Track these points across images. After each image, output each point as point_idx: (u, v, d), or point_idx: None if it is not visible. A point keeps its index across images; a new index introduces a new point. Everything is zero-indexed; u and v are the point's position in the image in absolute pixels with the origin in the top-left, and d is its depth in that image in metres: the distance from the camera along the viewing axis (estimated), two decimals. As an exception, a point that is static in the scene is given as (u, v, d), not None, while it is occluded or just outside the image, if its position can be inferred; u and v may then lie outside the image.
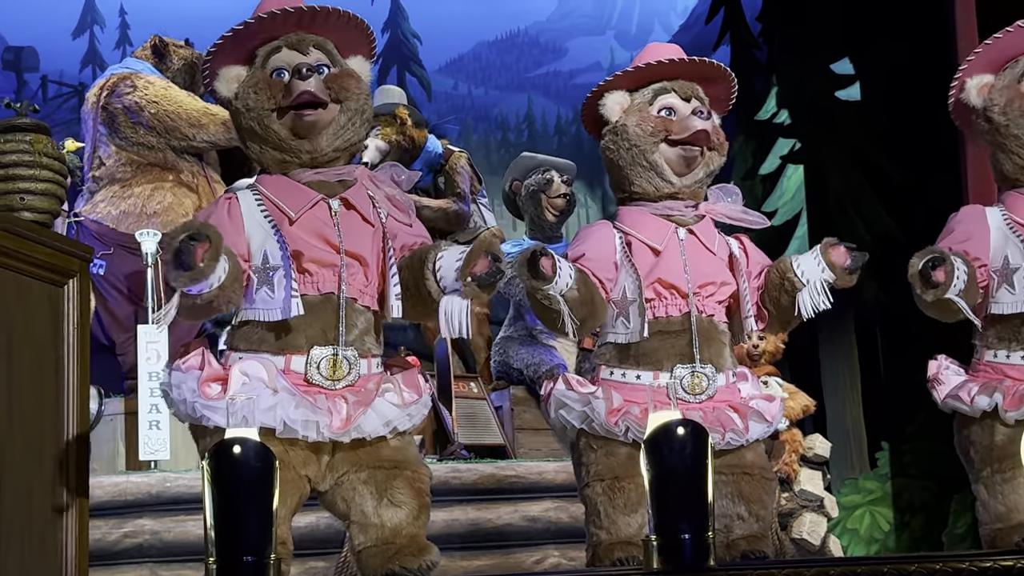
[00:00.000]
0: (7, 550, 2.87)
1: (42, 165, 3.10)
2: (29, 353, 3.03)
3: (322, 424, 2.86)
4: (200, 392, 2.88)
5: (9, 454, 2.90)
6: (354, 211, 3.00)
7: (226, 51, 3.07)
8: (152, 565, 4.59)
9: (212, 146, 5.92)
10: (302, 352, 2.92)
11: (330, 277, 2.95)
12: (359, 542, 2.96)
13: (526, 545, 4.85)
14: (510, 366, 6.00)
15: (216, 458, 2.18)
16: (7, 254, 2.94)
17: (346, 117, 3.02)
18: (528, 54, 9.25)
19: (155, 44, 6.05)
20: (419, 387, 3.02)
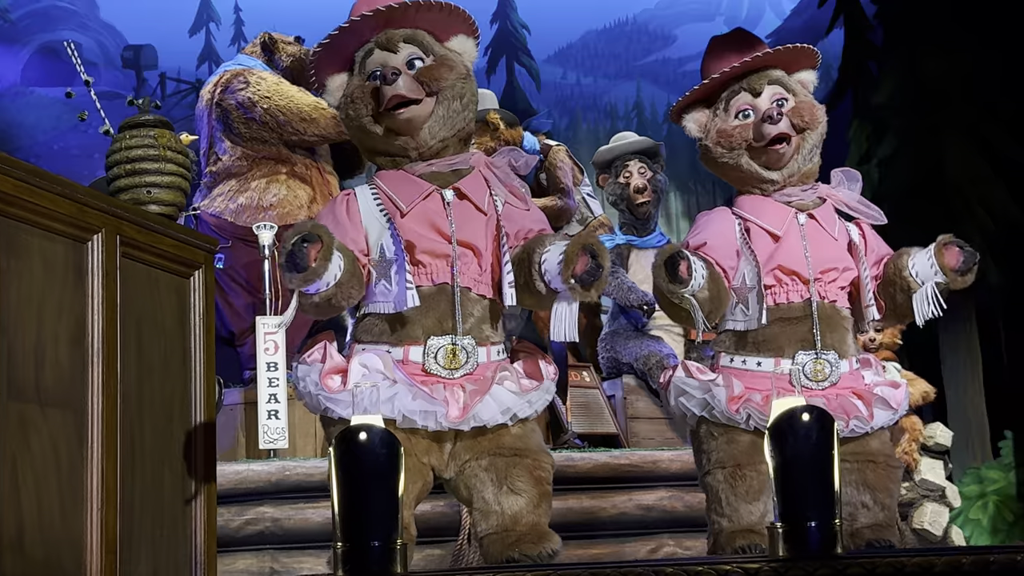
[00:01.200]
0: (140, 533, 2.95)
1: (167, 159, 3.16)
2: (158, 343, 3.10)
3: (439, 414, 2.88)
4: (322, 385, 2.93)
5: (140, 441, 2.98)
6: (467, 200, 3.01)
7: (326, 60, 3.11)
8: (273, 552, 4.65)
9: (323, 140, 5.98)
10: (419, 342, 2.94)
11: (443, 267, 2.96)
12: (481, 528, 2.97)
13: (641, 534, 4.83)
14: (619, 361, 5.98)
15: (342, 444, 2.20)
16: (136, 247, 3.02)
17: (444, 107, 3.02)
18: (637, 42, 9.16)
19: (264, 41, 6.13)
20: (540, 373, 3.02)
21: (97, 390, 2.83)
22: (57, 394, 2.73)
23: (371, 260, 2.96)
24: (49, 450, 2.69)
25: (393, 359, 2.93)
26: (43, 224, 2.74)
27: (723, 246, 3.24)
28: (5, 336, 2.59)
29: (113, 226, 2.93)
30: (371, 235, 2.98)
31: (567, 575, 2.06)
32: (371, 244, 2.97)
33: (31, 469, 2.63)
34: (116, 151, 3.18)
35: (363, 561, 2.15)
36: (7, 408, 2.58)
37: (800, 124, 3.27)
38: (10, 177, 2.64)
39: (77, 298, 2.82)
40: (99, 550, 2.76)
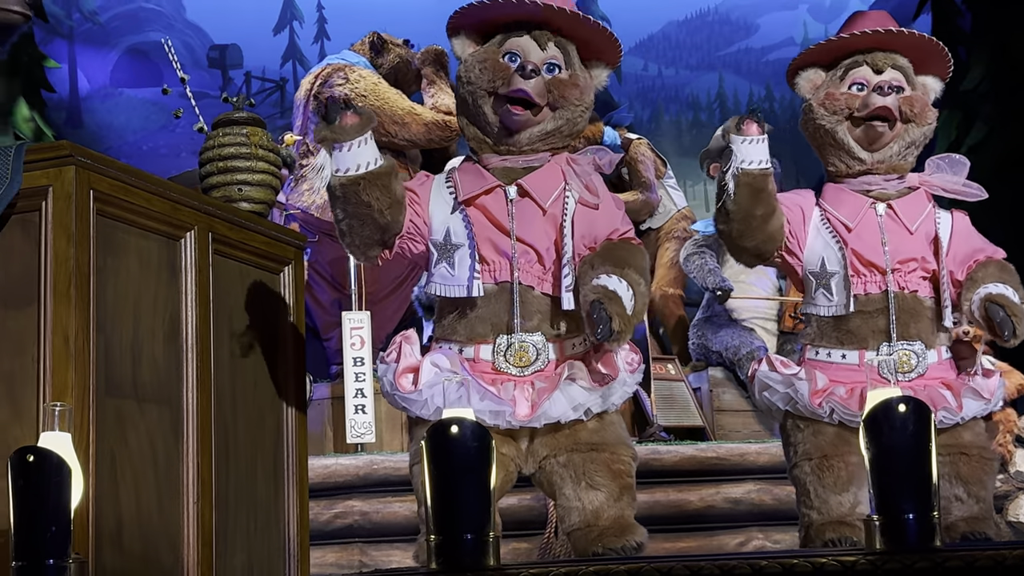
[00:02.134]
0: (235, 527, 2.98)
1: (258, 157, 3.19)
2: (250, 338, 3.14)
3: (507, 413, 2.87)
4: (397, 385, 2.94)
5: (233, 435, 3.02)
6: (529, 199, 2.98)
7: (473, 14, 3.06)
8: (362, 545, 4.70)
9: (412, 145, 6.01)
10: (489, 341, 2.93)
11: (505, 266, 2.95)
12: (566, 525, 2.97)
13: (729, 527, 4.82)
14: (708, 349, 5.95)
15: (434, 438, 2.21)
16: (228, 243, 3.06)
17: (555, 124, 3.01)
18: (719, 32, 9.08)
19: (373, 41, 6.16)
20: (614, 366, 2.96)
21: (192, 385, 2.87)
22: (153, 390, 2.78)
23: (432, 240, 2.97)
24: (146, 445, 2.73)
25: (463, 358, 2.94)
26: (138, 222, 2.78)
27: (794, 213, 3.20)
28: (103, 333, 2.64)
29: (205, 223, 2.97)
30: (436, 217, 2.98)
31: (661, 567, 2.06)
32: (434, 225, 2.97)
33: (129, 464, 2.68)
34: (209, 148, 3.22)
35: (456, 554, 2.16)
36: (105, 404, 2.62)
37: (908, 113, 3.20)
38: (106, 177, 2.69)
39: (171, 295, 2.87)
40: (195, 543, 2.80)
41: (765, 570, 2.03)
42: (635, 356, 3.04)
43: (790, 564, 2.05)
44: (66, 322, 2.56)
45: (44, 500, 2.24)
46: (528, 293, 2.94)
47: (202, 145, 3.29)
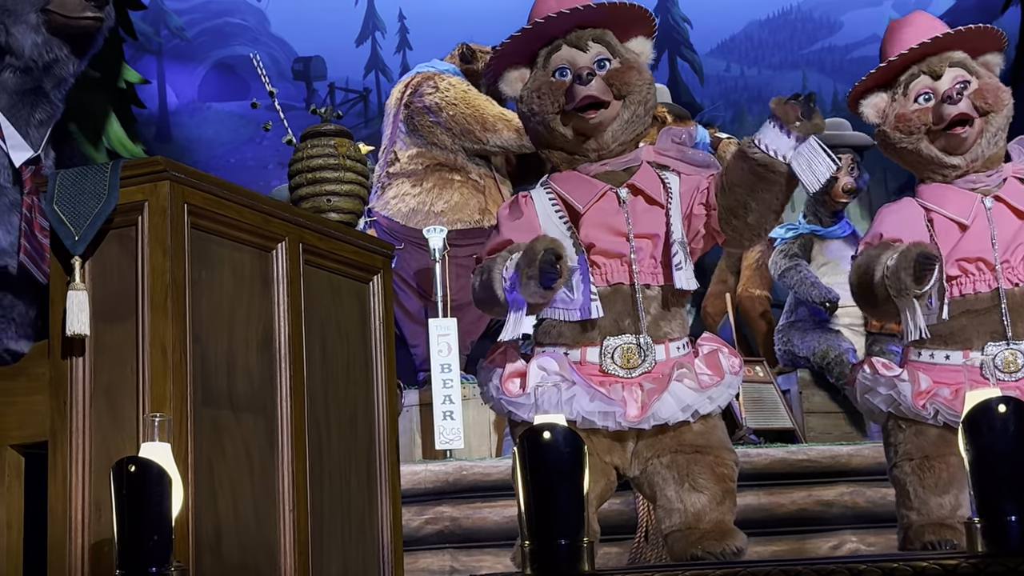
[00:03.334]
0: (330, 534, 3.01)
1: (346, 167, 3.22)
2: (341, 347, 3.16)
3: (618, 414, 2.87)
4: (503, 389, 2.96)
5: (327, 443, 3.04)
6: (641, 195, 3.00)
7: (508, 54, 3.11)
8: (452, 551, 4.71)
9: (503, 150, 6.01)
10: (596, 343, 2.93)
11: (618, 267, 2.95)
12: (665, 526, 2.96)
13: (822, 530, 4.75)
14: (795, 354, 5.89)
15: (527, 443, 2.22)
16: (318, 253, 3.09)
17: (630, 112, 3.03)
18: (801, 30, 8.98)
19: (463, 52, 6.19)
20: (720, 368, 2.98)
21: (285, 394, 2.90)
22: (248, 399, 2.81)
23: None
24: (242, 454, 2.76)
25: (570, 361, 2.94)
26: (231, 235, 2.82)
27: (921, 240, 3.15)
28: (199, 344, 2.68)
29: (296, 234, 3.00)
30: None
31: (758, 572, 2.04)
32: None
33: (226, 473, 2.71)
34: (297, 160, 3.25)
35: (551, 559, 2.16)
36: (202, 414, 2.66)
37: (983, 106, 3.16)
38: (200, 190, 2.73)
39: (264, 305, 2.90)
40: (292, 551, 2.83)
41: (864, 574, 2.00)
42: (736, 359, 3.03)
43: (890, 568, 2.03)
44: (163, 334, 2.59)
45: (146, 509, 2.29)
46: (643, 292, 2.94)
47: (291, 157, 3.33)
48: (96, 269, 2.65)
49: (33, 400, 2.68)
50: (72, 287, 2.60)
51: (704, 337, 3.11)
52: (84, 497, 2.59)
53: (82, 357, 2.64)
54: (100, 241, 2.65)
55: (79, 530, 2.57)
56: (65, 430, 2.62)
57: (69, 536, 2.57)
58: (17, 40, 3.05)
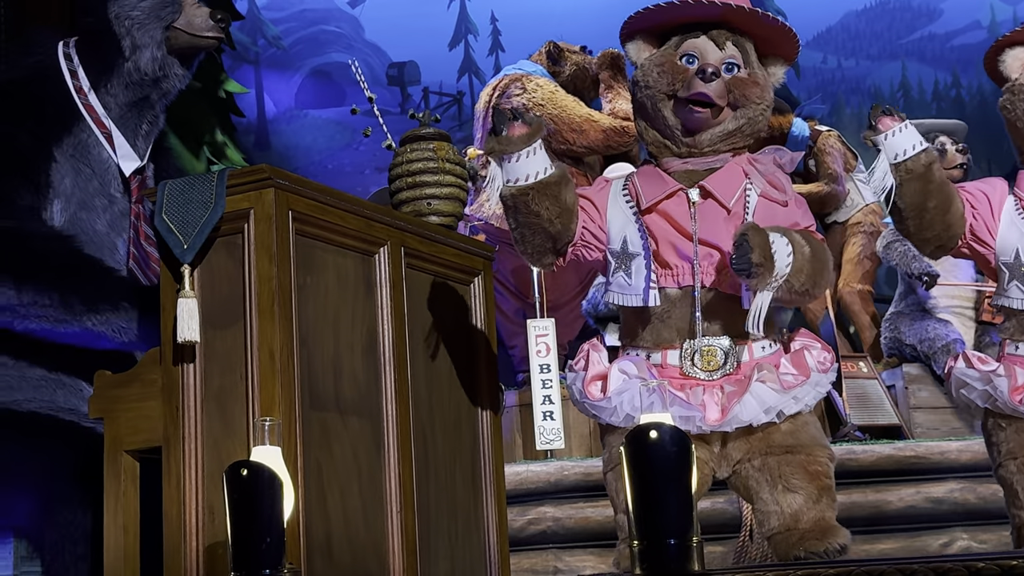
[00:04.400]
0: (437, 534, 3.03)
1: (445, 171, 3.24)
2: (443, 349, 3.18)
3: (697, 418, 2.83)
4: (586, 393, 2.94)
5: (432, 445, 3.07)
6: (712, 199, 2.94)
7: (647, 18, 3.04)
8: (556, 550, 4.72)
9: (590, 152, 6.01)
10: (676, 346, 2.90)
11: (688, 269, 2.91)
12: (766, 529, 2.92)
13: (931, 528, 4.68)
14: (902, 342, 5.81)
15: (633, 443, 2.21)
16: (419, 257, 3.11)
17: (736, 124, 2.96)
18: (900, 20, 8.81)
19: (550, 50, 6.20)
20: (806, 367, 2.90)
21: (391, 397, 2.92)
22: (354, 402, 2.83)
23: (610, 249, 2.95)
24: (350, 457, 2.79)
25: (651, 364, 2.93)
26: (334, 240, 2.85)
27: (977, 193, 3.06)
28: (305, 348, 2.71)
29: (397, 238, 3.02)
30: (614, 225, 2.96)
31: (872, 570, 2.01)
32: (612, 234, 2.95)
33: (335, 476, 2.74)
34: (397, 164, 3.27)
35: (660, 559, 2.15)
36: (310, 418, 2.68)
37: None
38: (303, 197, 2.76)
39: (368, 309, 2.93)
40: (401, 551, 2.85)
41: (982, 572, 1.97)
42: (827, 355, 2.98)
43: (1008, 565, 1.99)
44: (271, 339, 2.63)
45: (258, 512, 2.31)
46: (711, 295, 2.90)
47: (390, 162, 3.36)
48: (205, 276, 2.70)
49: (146, 406, 2.73)
50: (182, 295, 2.64)
51: (799, 334, 3.07)
52: (198, 501, 2.63)
53: (193, 363, 2.68)
54: (208, 249, 2.69)
55: (193, 533, 2.61)
56: (178, 435, 2.66)
57: (184, 539, 2.61)
58: (140, 52, 3.13)
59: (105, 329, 2.95)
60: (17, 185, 3.03)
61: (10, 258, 2.93)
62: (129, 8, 3.15)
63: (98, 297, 2.93)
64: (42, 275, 2.91)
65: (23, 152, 3.07)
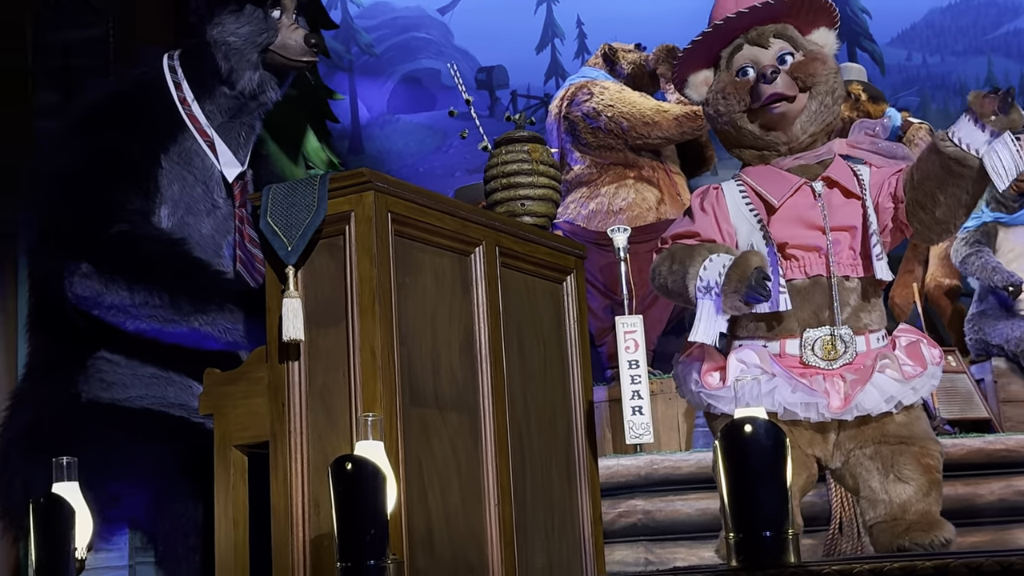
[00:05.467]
0: (533, 526, 3.03)
1: (539, 172, 3.24)
2: (537, 345, 3.19)
3: (821, 405, 2.82)
4: (703, 383, 2.93)
5: (527, 439, 3.07)
6: (837, 187, 2.94)
7: (691, 58, 3.08)
8: (646, 543, 4.71)
9: (667, 141, 6.01)
10: (795, 335, 2.89)
11: (816, 260, 2.90)
12: (870, 517, 2.90)
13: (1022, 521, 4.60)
14: (988, 343, 5.71)
15: (728, 437, 2.19)
16: (514, 256, 3.12)
17: (817, 102, 2.96)
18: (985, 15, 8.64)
19: (605, 52, 6.23)
20: (923, 359, 2.90)
21: (487, 393, 2.93)
22: (452, 398, 2.84)
23: None
24: (449, 451, 2.80)
25: (770, 353, 2.90)
26: (432, 240, 2.86)
27: None
28: (405, 346, 2.72)
29: (492, 238, 3.03)
30: (740, 233, 2.96)
31: (970, 563, 1.97)
32: (740, 242, 2.95)
33: (435, 470, 2.75)
34: (493, 166, 3.28)
35: (756, 551, 2.13)
36: (410, 413, 2.70)
37: None
38: (402, 199, 2.77)
39: (464, 307, 2.94)
40: (499, 543, 2.85)
41: (1081, 565, 1.92)
42: (936, 350, 2.95)
43: (1108, 558, 1.94)
44: (372, 337, 2.65)
45: (362, 505, 2.33)
46: (842, 284, 2.89)
47: (480, 164, 3.37)
48: (308, 277, 2.72)
49: (253, 403, 2.76)
50: (287, 295, 2.67)
51: (901, 328, 3.04)
52: (304, 494, 2.66)
53: (297, 361, 2.71)
54: (311, 251, 2.72)
55: (300, 525, 2.64)
56: (284, 431, 2.69)
57: (291, 531, 2.64)
58: (237, 74, 3.19)
59: (211, 330, 2.99)
60: (128, 191, 3.08)
61: (123, 260, 2.99)
62: (227, 34, 3.20)
63: (206, 298, 2.97)
64: (153, 276, 2.96)
65: (133, 160, 3.13)
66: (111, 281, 2.95)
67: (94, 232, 2.99)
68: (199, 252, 3.16)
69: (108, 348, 3.12)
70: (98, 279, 2.96)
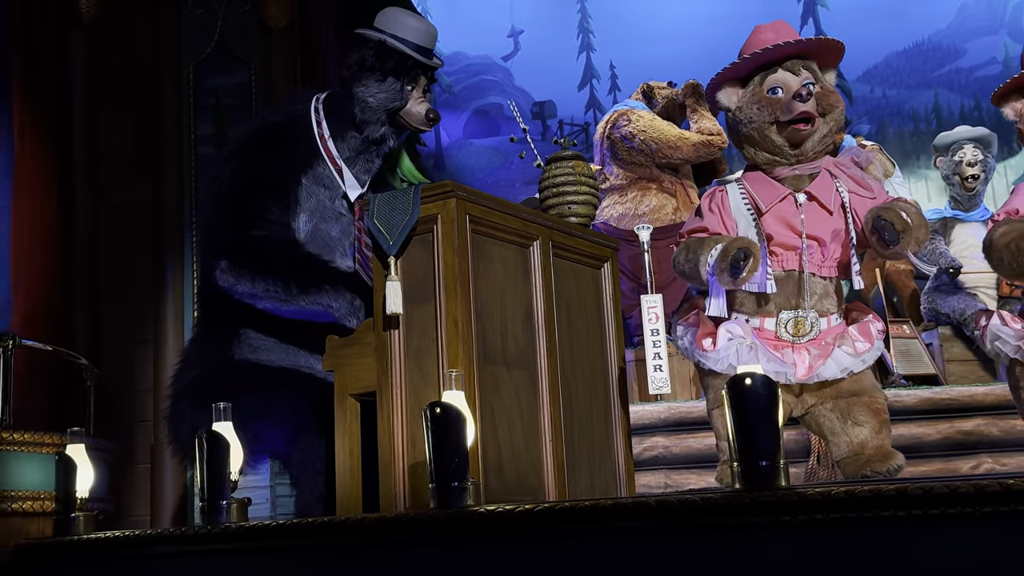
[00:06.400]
0: (579, 458, 3.03)
1: (581, 183, 3.23)
2: (581, 318, 3.18)
3: (789, 373, 2.81)
4: (696, 345, 2.92)
5: (574, 389, 3.07)
6: (815, 202, 2.89)
7: (730, 73, 3.01)
8: (666, 471, 4.69)
9: (685, 162, 5.98)
10: (772, 315, 2.87)
11: (792, 257, 2.86)
12: (835, 455, 2.87)
13: (963, 454, 4.53)
14: (938, 312, 5.61)
15: (732, 388, 2.18)
16: (563, 248, 3.11)
17: (827, 128, 2.91)
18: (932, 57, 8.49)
19: (644, 89, 6.19)
20: (871, 336, 2.87)
21: (543, 354, 2.92)
22: (516, 358, 2.85)
23: None
24: (513, 399, 2.80)
25: (752, 327, 2.88)
26: (500, 236, 2.86)
27: None
28: (479, 319, 2.73)
29: (546, 234, 3.02)
30: (739, 226, 2.93)
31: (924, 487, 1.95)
32: (740, 234, 2.92)
33: (503, 413, 2.75)
34: (545, 179, 3.27)
35: (755, 476, 2.12)
36: (484, 370, 2.71)
37: None
38: (477, 204, 2.78)
39: (525, 288, 2.93)
40: (552, 470, 2.86)
41: (1011, 488, 1.89)
42: (880, 324, 2.92)
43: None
44: (454, 311, 2.65)
45: (448, 441, 2.35)
46: (811, 278, 2.86)
47: (536, 177, 3.36)
48: (405, 265, 2.73)
49: (364, 362, 2.78)
50: (389, 279, 2.69)
51: (853, 305, 3.01)
52: (403, 432, 2.68)
53: (397, 330, 2.72)
54: (407, 245, 2.73)
55: (400, 456, 2.66)
56: (388, 383, 2.71)
57: (393, 460, 2.66)
58: (367, 125, 3.19)
59: (318, 307, 2.97)
60: (269, 203, 3.08)
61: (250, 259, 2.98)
62: (368, 95, 3.18)
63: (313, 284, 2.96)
64: (271, 271, 2.95)
65: (277, 178, 3.13)
66: (240, 275, 2.96)
67: (236, 234, 3.01)
68: (327, 251, 3.15)
69: (255, 321, 3.14)
70: (231, 273, 2.97)
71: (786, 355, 2.82)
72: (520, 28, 9.40)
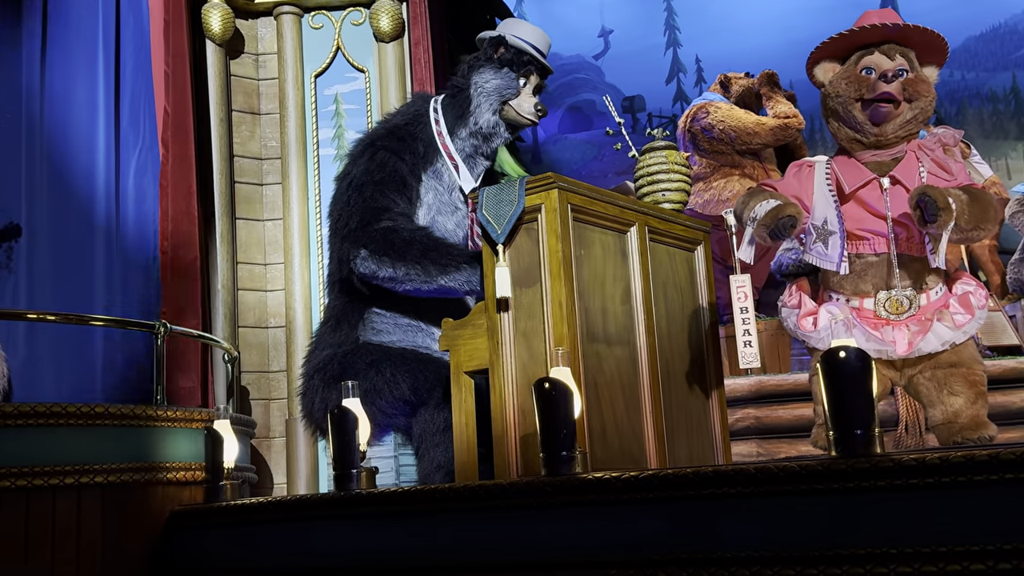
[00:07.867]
0: (678, 428, 3.01)
1: (674, 171, 3.19)
2: (676, 296, 3.15)
3: (889, 351, 2.73)
4: (799, 325, 2.86)
5: (671, 364, 3.04)
6: (900, 185, 2.79)
7: (828, 48, 2.92)
8: (757, 440, 4.62)
9: (765, 146, 5.88)
10: (871, 295, 2.79)
11: (881, 241, 2.78)
12: (932, 421, 2.78)
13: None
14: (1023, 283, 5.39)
15: (827, 360, 2.13)
16: (658, 233, 3.08)
17: (912, 114, 2.79)
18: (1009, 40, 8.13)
19: (722, 80, 6.12)
20: (972, 307, 2.75)
21: (642, 332, 2.91)
22: (617, 336, 2.84)
23: (811, 223, 2.82)
24: (615, 374, 2.80)
25: (851, 307, 2.80)
26: (599, 223, 2.85)
27: None
28: (582, 300, 2.72)
29: (642, 220, 3.00)
30: (817, 205, 2.83)
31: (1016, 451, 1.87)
32: (816, 211, 2.83)
33: (606, 387, 2.75)
34: (640, 168, 3.24)
35: (851, 444, 2.07)
36: (587, 348, 2.70)
37: None
38: (577, 194, 2.77)
39: (623, 271, 2.92)
40: (653, 439, 2.84)
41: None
42: (983, 293, 2.80)
43: None
44: (559, 294, 2.65)
45: (556, 413, 2.35)
46: (903, 258, 2.77)
47: (626, 167, 3.31)
48: (513, 252, 2.74)
49: (477, 341, 2.80)
50: (498, 265, 2.70)
51: (957, 275, 2.88)
52: (514, 405, 2.69)
53: (507, 312, 2.74)
54: (515, 233, 2.74)
55: (512, 427, 2.68)
56: (499, 361, 2.73)
57: (506, 432, 2.68)
58: (480, 112, 3.20)
59: (455, 284, 2.99)
60: (396, 197, 3.12)
61: (387, 246, 3.03)
62: (484, 80, 3.20)
63: (447, 263, 2.98)
64: (409, 256, 2.99)
65: (402, 174, 3.16)
66: (381, 262, 3.00)
67: (369, 226, 3.05)
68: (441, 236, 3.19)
69: (377, 306, 3.19)
70: (372, 260, 3.01)
71: (885, 333, 2.75)
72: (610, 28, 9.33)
